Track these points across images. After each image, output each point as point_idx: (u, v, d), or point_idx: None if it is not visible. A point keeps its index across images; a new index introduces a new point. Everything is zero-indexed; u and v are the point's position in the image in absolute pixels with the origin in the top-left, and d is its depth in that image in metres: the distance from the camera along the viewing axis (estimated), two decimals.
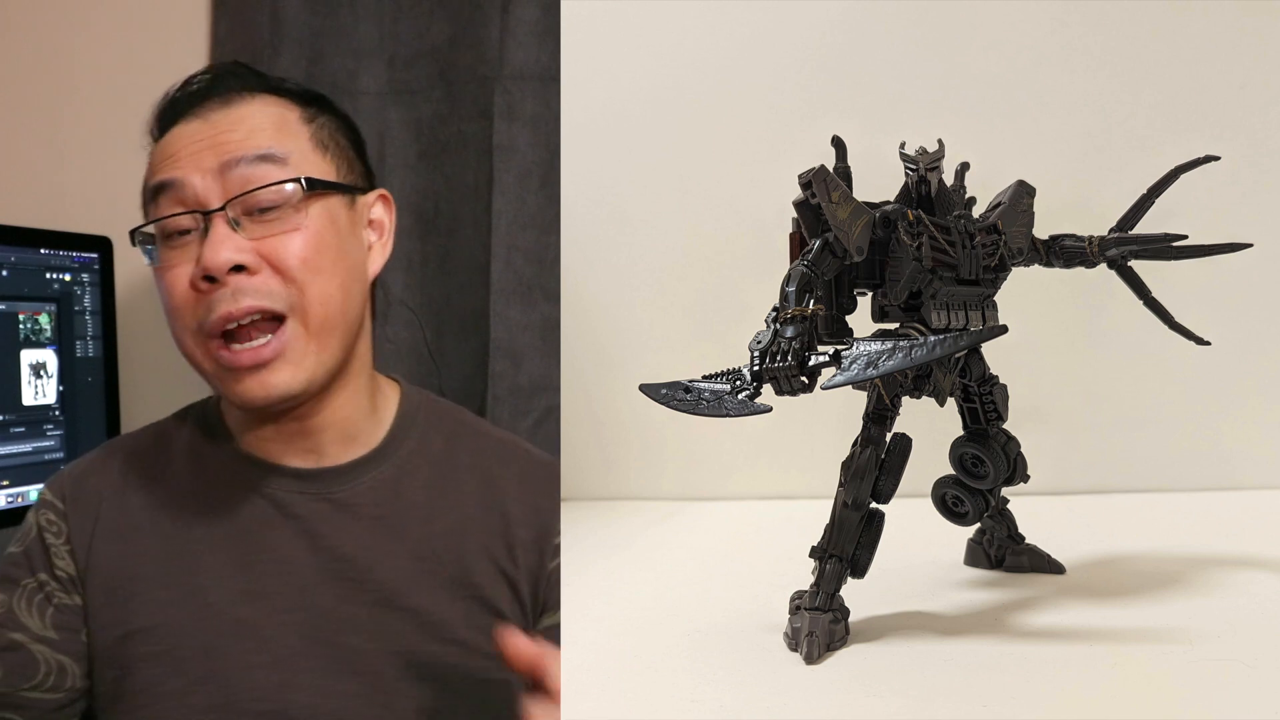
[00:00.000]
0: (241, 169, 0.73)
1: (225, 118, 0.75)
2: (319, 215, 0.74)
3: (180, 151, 0.74)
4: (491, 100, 1.25)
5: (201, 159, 0.73)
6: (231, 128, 0.74)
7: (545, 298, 1.27)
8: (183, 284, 0.73)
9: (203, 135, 0.74)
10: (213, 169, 0.73)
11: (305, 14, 1.29)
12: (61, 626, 0.78)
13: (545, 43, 1.25)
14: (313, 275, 0.73)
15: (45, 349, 1.17)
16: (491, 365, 1.26)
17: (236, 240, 0.71)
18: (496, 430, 0.88)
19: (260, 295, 0.71)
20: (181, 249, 0.73)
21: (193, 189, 0.73)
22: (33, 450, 1.16)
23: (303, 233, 0.73)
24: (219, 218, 0.72)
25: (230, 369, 0.72)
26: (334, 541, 0.77)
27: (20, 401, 1.14)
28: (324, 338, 0.74)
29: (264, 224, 0.73)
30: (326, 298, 0.74)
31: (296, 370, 0.73)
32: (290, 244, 0.73)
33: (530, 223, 1.26)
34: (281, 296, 0.72)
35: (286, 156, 0.74)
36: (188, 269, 0.72)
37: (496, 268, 1.25)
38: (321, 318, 0.73)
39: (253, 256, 0.72)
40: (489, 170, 1.25)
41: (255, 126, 0.75)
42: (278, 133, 0.75)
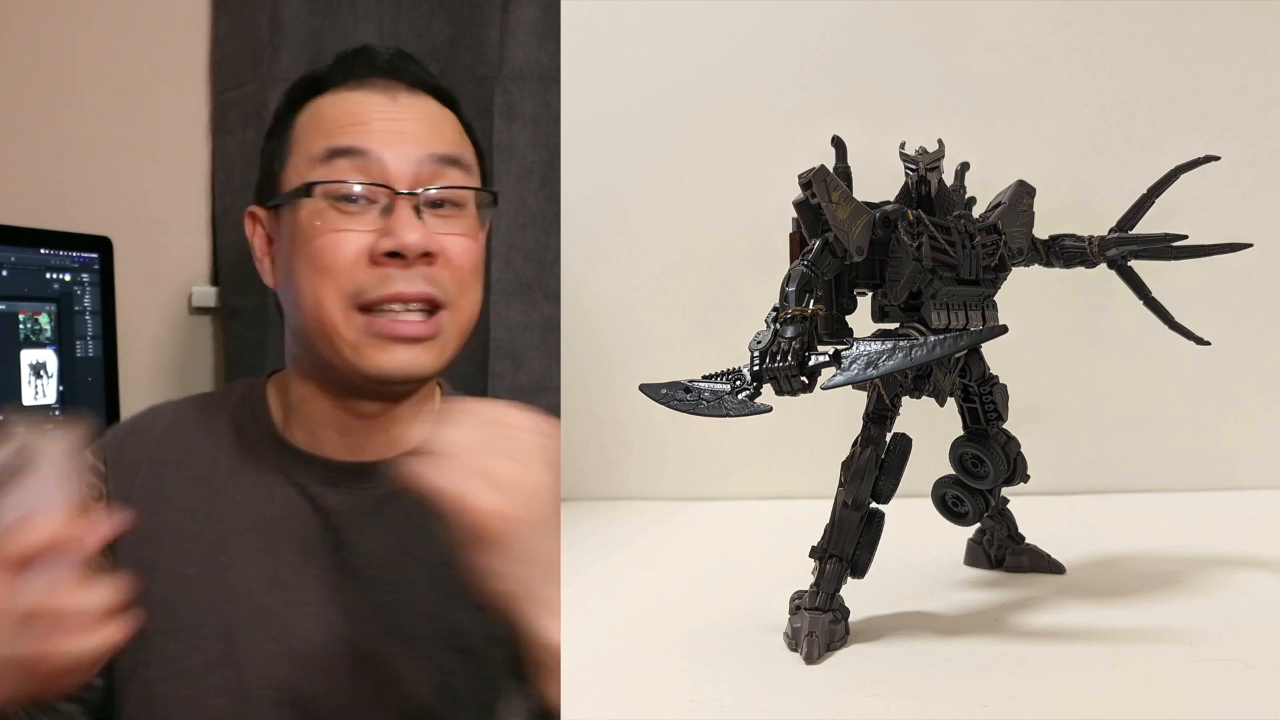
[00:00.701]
0: (432, 164, 0.76)
1: (415, 106, 0.77)
2: (484, 228, 0.79)
3: (370, 122, 0.75)
4: (491, 100, 1.25)
5: (396, 138, 0.75)
6: (421, 118, 0.77)
7: (545, 298, 1.27)
8: (349, 249, 0.74)
9: (394, 114, 0.76)
10: (408, 152, 0.75)
11: (305, 14, 1.29)
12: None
13: (545, 43, 1.25)
14: (473, 279, 0.77)
15: (45, 349, 1.17)
16: (491, 365, 1.26)
17: (424, 228, 0.74)
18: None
19: (434, 284, 0.74)
20: (354, 216, 0.74)
21: (382, 164, 0.74)
22: None
23: (476, 239, 0.78)
24: (407, 201, 0.74)
25: (382, 336, 0.74)
26: (360, 538, 0.77)
27: (20, 401, 1.14)
28: (461, 338, 0.77)
29: (441, 219, 0.76)
30: (475, 302, 0.78)
31: (437, 357, 0.76)
32: (466, 246, 0.76)
33: (530, 223, 1.27)
34: (450, 291, 0.75)
35: (471, 164, 0.79)
36: (359, 237, 0.74)
37: (496, 268, 1.25)
38: (468, 319, 0.78)
39: (438, 246, 0.74)
40: (489, 170, 1.25)
41: (440, 124, 0.78)
42: (459, 137, 0.79)
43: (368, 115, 0.76)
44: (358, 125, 0.76)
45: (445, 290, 0.75)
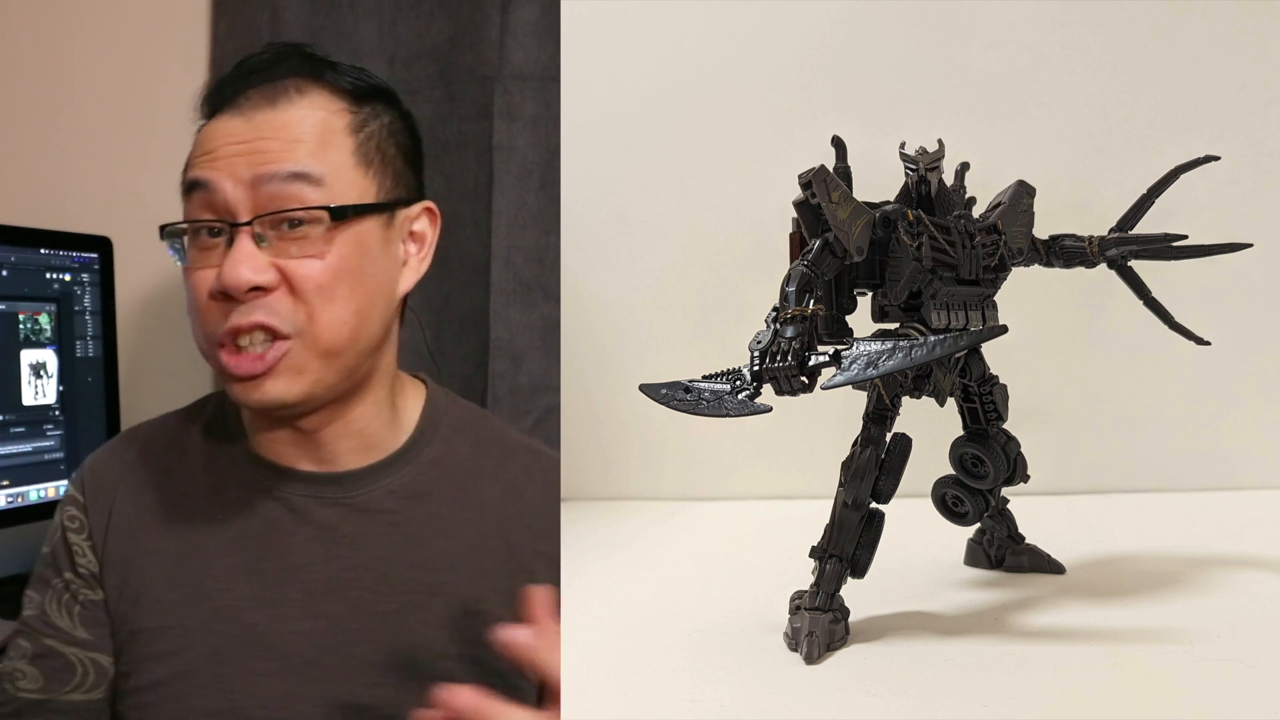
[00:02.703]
0: (274, 185, 0.71)
1: (269, 121, 0.73)
2: (346, 241, 0.73)
3: (218, 150, 0.73)
4: (491, 100, 1.25)
5: (236, 165, 0.72)
6: (273, 134, 0.72)
7: (545, 298, 1.27)
8: (203, 288, 0.72)
9: (242, 137, 0.72)
10: (246, 179, 0.71)
11: (305, 14, 1.29)
12: (90, 624, 0.78)
13: (545, 43, 1.25)
14: (326, 302, 0.72)
15: (45, 349, 1.17)
16: (491, 365, 1.26)
17: (257, 259, 0.71)
18: (521, 437, 0.86)
19: (269, 313, 0.71)
20: (209, 251, 0.72)
21: (223, 196, 0.71)
22: (33, 450, 1.16)
23: (325, 259, 0.72)
24: (245, 232, 0.71)
25: (230, 372, 0.72)
26: (347, 549, 0.76)
27: (20, 401, 1.15)
28: (329, 359, 0.73)
29: (290, 241, 0.71)
30: (338, 324, 0.73)
31: (292, 383, 0.72)
32: (310, 269, 0.71)
33: (530, 223, 1.26)
34: (289, 318, 0.71)
35: (322, 176, 0.72)
36: (209, 274, 0.72)
37: (496, 267, 1.25)
38: (329, 342, 0.73)
39: (272, 275, 0.71)
40: (489, 170, 1.25)
41: (296, 137, 0.73)
42: (319, 146, 0.73)
43: (216, 143, 0.73)
44: (206, 156, 0.73)
45: (285, 318, 0.71)
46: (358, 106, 0.76)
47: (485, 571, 0.77)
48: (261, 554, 0.76)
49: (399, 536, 0.77)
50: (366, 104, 0.76)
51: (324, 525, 0.77)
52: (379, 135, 0.76)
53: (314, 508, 0.77)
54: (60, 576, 0.79)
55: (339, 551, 0.76)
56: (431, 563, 0.77)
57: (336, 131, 0.74)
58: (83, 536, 0.79)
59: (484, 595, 0.76)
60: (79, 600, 0.78)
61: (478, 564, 0.77)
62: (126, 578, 0.77)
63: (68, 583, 0.78)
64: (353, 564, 0.76)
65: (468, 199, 1.27)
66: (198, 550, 0.77)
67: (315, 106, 0.74)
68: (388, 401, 0.79)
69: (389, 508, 0.77)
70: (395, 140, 0.78)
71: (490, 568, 0.77)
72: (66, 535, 0.79)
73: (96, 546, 0.78)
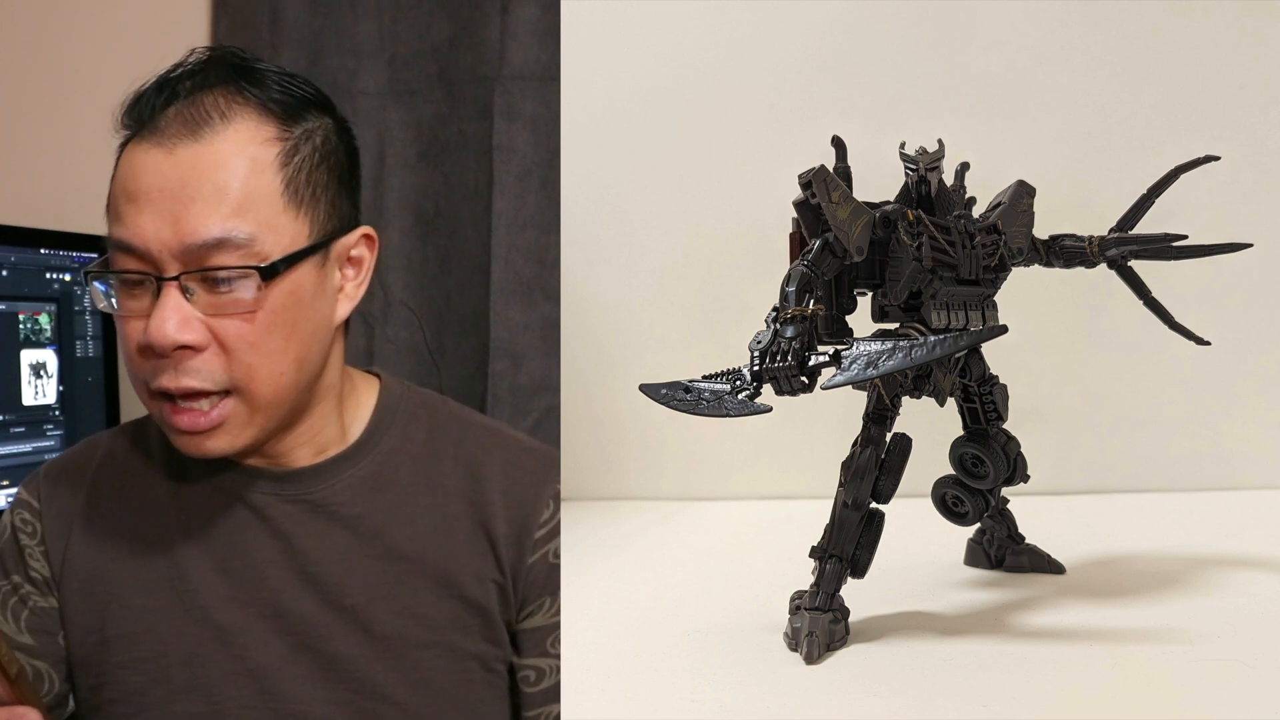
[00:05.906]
0: (201, 250, 0.67)
1: (193, 160, 0.67)
2: (279, 294, 0.69)
3: (140, 193, 0.68)
4: (491, 100, 1.25)
5: (160, 212, 0.67)
6: (198, 179, 0.67)
7: (545, 298, 1.27)
8: (134, 337, 0.69)
9: (165, 180, 0.67)
10: (170, 238, 0.67)
11: (305, 14, 1.29)
12: (37, 630, 0.77)
13: (545, 43, 1.25)
14: (262, 359, 0.69)
15: (45, 349, 1.17)
16: (491, 365, 1.26)
17: (185, 313, 0.67)
18: (482, 418, 0.85)
19: (201, 376, 0.68)
20: (139, 299, 0.69)
21: (146, 246, 0.67)
22: (33, 450, 1.16)
23: (257, 317, 0.68)
24: (171, 285, 0.67)
25: (172, 425, 0.71)
26: (311, 544, 0.76)
27: (20, 401, 1.15)
28: (270, 410, 0.71)
29: (219, 296, 0.68)
30: (276, 376, 0.70)
31: (236, 437, 0.71)
32: (241, 330, 0.68)
33: (530, 223, 1.27)
34: (223, 379, 0.69)
35: (250, 238, 0.68)
36: (137, 324, 0.68)
37: (496, 268, 1.25)
38: (269, 396, 0.71)
39: (201, 333, 0.68)
40: (489, 170, 1.25)
41: (220, 186, 0.67)
42: (245, 197, 0.68)
43: (139, 183, 0.68)
44: (128, 196, 0.68)
45: (219, 379, 0.68)
46: (288, 128, 0.71)
47: (454, 554, 0.76)
48: (227, 554, 0.76)
49: (361, 528, 0.76)
50: (298, 122, 0.72)
51: (285, 522, 0.76)
52: (310, 163, 0.71)
53: (274, 505, 0.76)
54: (8, 579, 0.78)
55: (302, 547, 0.75)
56: (396, 552, 0.76)
57: (265, 169, 0.69)
58: (35, 541, 0.78)
59: (454, 579, 0.76)
60: (28, 605, 0.77)
61: (445, 547, 0.76)
62: (93, 586, 0.76)
63: (16, 586, 0.77)
64: (316, 559, 0.75)
65: (468, 199, 1.27)
66: (165, 553, 0.76)
67: (241, 139, 0.69)
68: (334, 412, 0.78)
69: (349, 500, 0.77)
70: (328, 164, 0.73)
71: (458, 549, 0.76)
72: (19, 539, 0.78)
73: (51, 554, 0.77)
